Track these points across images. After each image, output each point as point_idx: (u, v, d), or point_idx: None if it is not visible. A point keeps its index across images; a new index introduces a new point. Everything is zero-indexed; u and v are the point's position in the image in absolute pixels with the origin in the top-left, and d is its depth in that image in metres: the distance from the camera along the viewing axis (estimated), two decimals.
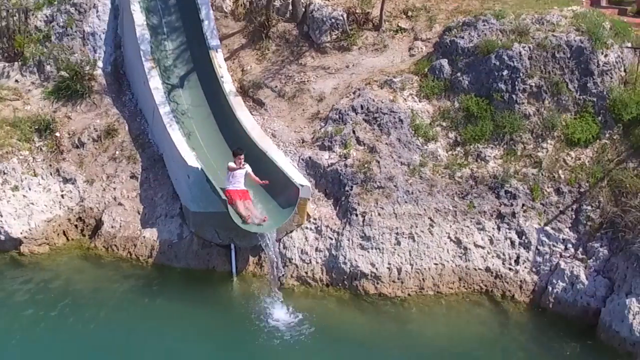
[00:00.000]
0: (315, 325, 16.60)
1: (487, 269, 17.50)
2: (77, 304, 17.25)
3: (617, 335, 15.79)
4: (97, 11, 21.90)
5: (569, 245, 17.25)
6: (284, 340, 16.23)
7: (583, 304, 16.62)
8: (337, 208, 18.06)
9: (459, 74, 19.01)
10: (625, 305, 15.76)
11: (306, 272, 17.68)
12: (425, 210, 17.76)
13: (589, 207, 17.35)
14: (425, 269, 17.46)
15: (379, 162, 18.10)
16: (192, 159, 18.11)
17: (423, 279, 17.45)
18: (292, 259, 17.74)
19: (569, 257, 17.14)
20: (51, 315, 16.83)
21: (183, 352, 15.95)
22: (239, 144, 18.85)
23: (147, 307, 17.32)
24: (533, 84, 18.36)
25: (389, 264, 17.44)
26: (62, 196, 19.37)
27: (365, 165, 18.04)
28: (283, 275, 17.52)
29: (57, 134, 20.11)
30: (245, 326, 16.71)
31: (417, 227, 17.61)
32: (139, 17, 20.95)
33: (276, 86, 20.23)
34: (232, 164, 17.28)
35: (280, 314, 16.89)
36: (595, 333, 16.25)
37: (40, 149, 19.93)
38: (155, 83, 19.89)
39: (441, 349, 16.08)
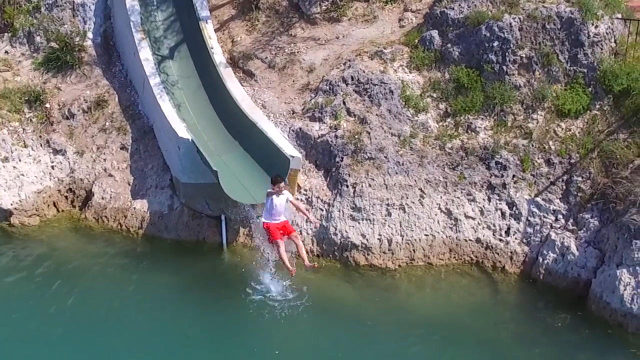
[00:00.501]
0: (306, 297, 16.16)
1: (478, 240, 17.07)
2: (67, 275, 16.79)
3: (607, 307, 15.40)
4: None
5: (560, 217, 16.82)
6: (274, 311, 15.80)
7: (574, 275, 16.22)
8: (328, 179, 17.57)
9: (449, 45, 18.45)
10: (615, 277, 15.36)
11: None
12: (415, 181, 17.28)
13: (580, 178, 16.89)
14: (415, 240, 17.02)
15: (369, 133, 17.59)
16: (182, 130, 17.58)
17: (413, 250, 17.01)
18: None
19: (559, 228, 16.71)
20: (41, 287, 16.37)
21: (173, 322, 15.53)
22: (229, 115, 18.36)
23: (138, 278, 16.85)
24: (523, 55, 17.83)
25: (380, 235, 16.99)
26: (53, 167, 18.82)
27: (356, 137, 17.53)
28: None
29: (47, 105, 19.52)
30: (236, 297, 16.26)
31: (407, 198, 17.14)
32: None
33: (266, 57, 19.64)
34: (271, 190, 15.41)
35: (270, 285, 16.44)
36: (585, 304, 15.86)
37: (30, 120, 19.35)
38: (146, 54, 19.29)
39: (432, 320, 15.70)
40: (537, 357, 14.85)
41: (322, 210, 17.24)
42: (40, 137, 19.09)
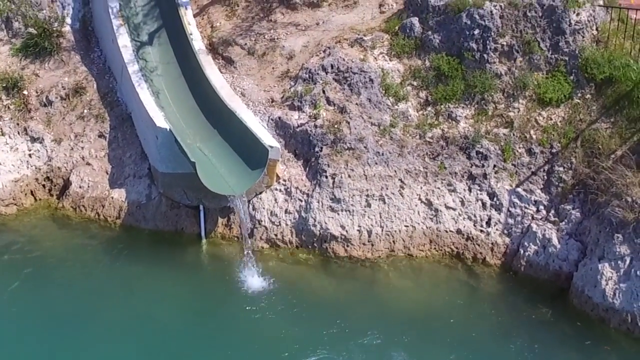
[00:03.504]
0: (284, 287, 15.09)
1: (458, 231, 15.85)
2: (44, 265, 15.68)
3: (589, 301, 14.24)
4: None
5: (541, 207, 15.61)
6: (252, 302, 14.72)
7: (555, 267, 15.03)
8: (307, 169, 16.28)
9: (429, 33, 17.08)
10: (597, 270, 14.18)
11: (275, 234, 15.99)
12: (395, 171, 16.01)
13: (561, 168, 15.66)
14: (395, 231, 15.79)
15: (349, 122, 16.27)
16: (160, 120, 16.27)
17: (393, 241, 15.79)
18: (262, 221, 16.04)
19: (540, 219, 15.50)
20: (18, 277, 15.27)
21: (151, 313, 14.47)
22: (208, 103, 17.11)
23: (115, 269, 15.74)
24: (504, 43, 16.51)
25: (359, 226, 15.75)
26: (30, 155, 17.51)
27: (335, 126, 16.22)
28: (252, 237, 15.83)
29: (25, 92, 18.16)
30: (214, 288, 15.24)
31: (387, 189, 15.89)
32: None
33: (246, 44, 18.23)
34: None
35: (249, 276, 15.30)
36: (567, 297, 14.70)
37: (8, 108, 17.99)
38: (124, 41, 17.91)
39: (411, 312, 14.66)
40: (517, 352, 13.76)
41: (301, 201, 16.00)
42: (18, 124, 17.75)
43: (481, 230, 15.77)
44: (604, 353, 13.59)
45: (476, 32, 16.58)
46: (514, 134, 16.11)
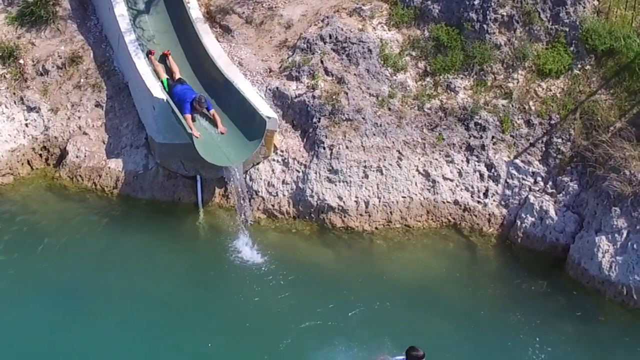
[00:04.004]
0: (281, 258, 15.19)
1: (456, 202, 15.91)
2: (40, 235, 15.69)
3: (585, 273, 14.37)
4: None
5: (539, 179, 15.65)
6: (249, 272, 14.84)
7: (552, 239, 15.11)
8: (305, 140, 16.29)
9: (429, 2, 17.01)
10: (594, 243, 14.28)
11: (273, 205, 16.04)
12: (393, 142, 16.03)
13: (560, 140, 15.68)
14: (393, 202, 15.84)
15: (347, 93, 16.25)
16: (157, 90, 16.24)
17: (391, 212, 15.84)
18: (259, 192, 16.09)
19: (538, 191, 15.55)
20: (15, 247, 15.32)
21: (147, 283, 14.59)
22: (206, 73, 17.03)
23: (112, 239, 15.76)
24: (504, 14, 16.44)
25: (357, 197, 15.80)
26: (27, 125, 17.44)
27: (334, 97, 16.20)
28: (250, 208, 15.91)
29: (21, 61, 18.02)
30: (211, 258, 15.32)
31: (385, 160, 15.91)
32: None
33: (244, 12, 18.12)
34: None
35: (246, 246, 15.39)
36: (563, 269, 14.83)
37: (4, 77, 17.89)
38: (121, 9, 17.76)
39: (408, 283, 14.79)
40: (512, 323, 13.96)
41: (299, 171, 16.04)
42: (14, 94, 17.66)
43: (478, 202, 15.83)
44: (599, 324, 13.74)
45: (476, 2, 16.52)
46: (512, 105, 16.11)
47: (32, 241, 15.50)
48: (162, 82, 16.50)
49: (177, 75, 16.79)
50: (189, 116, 15.67)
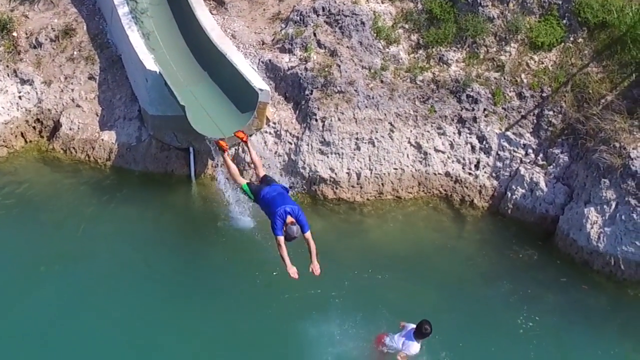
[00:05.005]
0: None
1: (447, 174, 16.18)
2: (34, 206, 16.02)
3: (574, 244, 14.66)
4: None
5: (530, 151, 15.90)
6: (241, 241, 15.18)
7: (542, 211, 15.40)
8: (297, 112, 16.52)
9: None
10: (583, 214, 14.55)
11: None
12: (385, 115, 16.26)
13: (551, 112, 15.91)
14: (384, 174, 16.12)
15: (339, 66, 16.46)
16: (150, 62, 16.43)
17: (382, 184, 16.12)
18: (251, 163, 16.29)
19: (529, 163, 15.81)
20: (7, 218, 15.66)
21: (140, 253, 14.93)
22: (199, 45, 17.16)
23: (105, 210, 16.05)
24: None
25: (349, 169, 16.07)
26: (20, 98, 17.67)
27: (326, 69, 16.41)
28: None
29: (15, 34, 18.22)
30: (204, 229, 15.59)
31: (377, 132, 16.16)
32: None
33: None
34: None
35: (239, 217, 15.70)
36: (552, 240, 15.12)
37: None
38: None
39: (399, 253, 15.09)
40: (501, 293, 14.31)
41: (291, 143, 16.28)
42: (7, 66, 17.88)
43: (470, 173, 16.10)
44: (586, 294, 14.05)
45: None
46: (504, 78, 16.32)
47: (26, 213, 15.81)
48: (242, 188, 13.93)
49: (261, 171, 14.21)
50: (281, 239, 12.78)
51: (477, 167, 16.12)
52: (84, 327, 13.39)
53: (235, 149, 16.42)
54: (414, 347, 12.19)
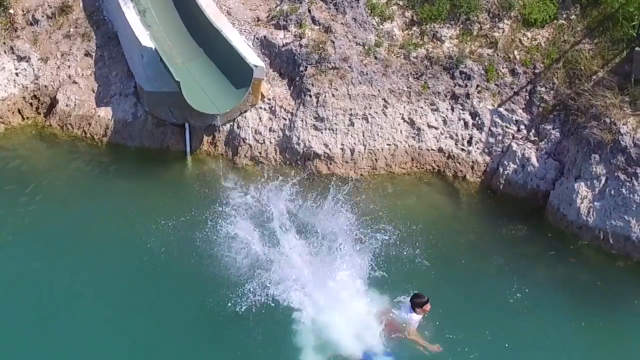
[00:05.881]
0: (267, 203, 15.41)
1: (440, 150, 16.50)
2: (32, 182, 16.31)
3: (564, 218, 15.00)
4: None
5: (522, 127, 16.21)
6: (236, 216, 15.17)
7: (533, 186, 15.73)
8: (292, 88, 16.84)
9: None
10: (573, 189, 14.89)
11: (260, 152, 16.65)
12: (379, 91, 16.56)
13: (543, 89, 16.21)
14: (378, 149, 16.45)
15: (333, 42, 16.76)
16: (146, 39, 16.74)
17: (376, 160, 16.45)
18: (246, 139, 16.66)
19: (521, 138, 16.12)
20: (5, 194, 15.94)
21: (136, 228, 15.12)
22: (194, 22, 17.45)
23: (102, 186, 16.38)
24: None
25: (342, 144, 16.39)
26: (17, 74, 17.98)
27: (320, 46, 16.71)
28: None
29: (11, 11, 18.50)
30: (199, 205, 15.70)
31: (370, 108, 16.47)
32: None
33: None
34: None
35: (233, 192, 15.93)
36: (543, 215, 15.46)
37: None
38: None
39: (391, 228, 15.18)
40: (492, 266, 14.58)
41: (285, 119, 16.60)
42: (4, 43, 18.17)
43: (462, 149, 16.41)
44: (575, 267, 14.41)
45: None
46: (497, 55, 16.61)
47: (23, 188, 16.11)
48: None
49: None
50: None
51: (469, 143, 16.43)
52: (76, 301, 13.62)
53: (230, 125, 16.70)
54: (413, 318, 12.62)
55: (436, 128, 16.51)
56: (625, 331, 13.28)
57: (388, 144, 16.45)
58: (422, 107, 16.54)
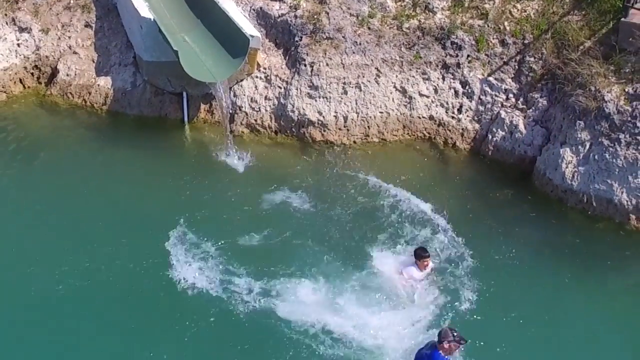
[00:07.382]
0: (264, 170, 16.58)
1: (431, 117, 17.20)
2: (33, 149, 17.04)
3: (550, 183, 15.72)
4: None
5: (510, 96, 16.91)
6: (232, 182, 16.23)
7: (520, 152, 16.46)
8: (287, 58, 17.54)
9: None
10: (559, 155, 15.60)
11: (255, 120, 17.36)
12: (372, 60, 17.26)
13: (532, 59, 16.89)
14: (370, 117, 17.15)
15: (328, 13, 17.45)
16: (144, 10, 17.39)
17: (368, 127, 17.16)
18: (242, 107, 17.38)
19: (509, 107, 16.83)
20: (6, 161, 16.73)
21: (135, 195, 15.88)
22: None
23: (101, 152, 17.08)
24: None
25: (336, 112, 17.10)
26: (18, 45, 18.66)
27: (315, 17, 17.40)
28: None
29: None
30: (196, 172, 16.56)
31: (364, 77, 17.17)
32: None
33: None
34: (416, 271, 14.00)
35: (230, 160, 16.77)
36: (530, 180, 16.19)
37: None
38: None
39: (384, 193, 16.01)
40: (481, 229, 15.21)
41: (281, 88, 17.30)
42: (6, 15, 18.83)
43: (452, 117, 17.12)
44: (560, 229, 15.16)
45: None
46: (488, 26, 17.28)
47: (24, 155, 16.85)
48: None
49: None
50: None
51: (459, 111, 17.13)
52: (74, 265, 14.18)
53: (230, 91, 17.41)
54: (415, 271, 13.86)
55: (427, 96, 17.20)
56: (602, 285, 14.10)
57: (380, 112, 17.15)
58: (413, 76, 17.23)
